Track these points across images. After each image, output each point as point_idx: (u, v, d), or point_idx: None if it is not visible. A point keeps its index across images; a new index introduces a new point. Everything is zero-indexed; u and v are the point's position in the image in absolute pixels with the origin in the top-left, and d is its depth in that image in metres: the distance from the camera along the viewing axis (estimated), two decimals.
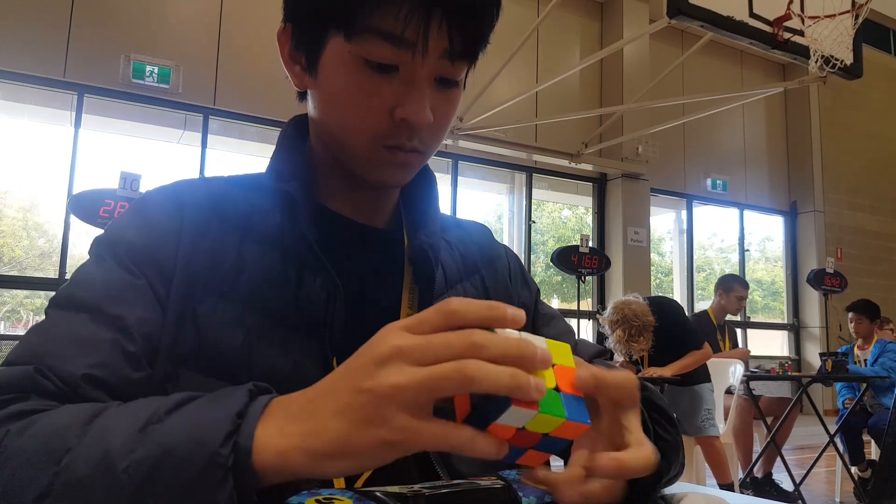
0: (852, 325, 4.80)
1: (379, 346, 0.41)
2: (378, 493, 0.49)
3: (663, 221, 9.59)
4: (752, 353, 9.27)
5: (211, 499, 0.41)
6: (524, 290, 0.82)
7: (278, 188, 0.66)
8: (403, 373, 0.39)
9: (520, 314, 0.41)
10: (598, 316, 3.80)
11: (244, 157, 6.85)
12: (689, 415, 3.55)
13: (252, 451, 0.41)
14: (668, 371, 3.51)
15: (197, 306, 0.60)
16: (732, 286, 4.45)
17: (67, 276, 4.85)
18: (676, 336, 3.59)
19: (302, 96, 0.70)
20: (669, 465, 0.64)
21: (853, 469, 4.21)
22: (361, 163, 0.66)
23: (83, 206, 4.44)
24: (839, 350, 5.05)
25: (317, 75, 0.65)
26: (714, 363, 4.10)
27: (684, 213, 9.20)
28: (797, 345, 9.77)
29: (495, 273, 0.80)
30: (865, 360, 4.63)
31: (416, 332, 0.41)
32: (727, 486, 3.52)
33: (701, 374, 3.64)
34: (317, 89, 0.66)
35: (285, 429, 0.42)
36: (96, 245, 0.63)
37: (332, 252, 0.65)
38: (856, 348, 4.80)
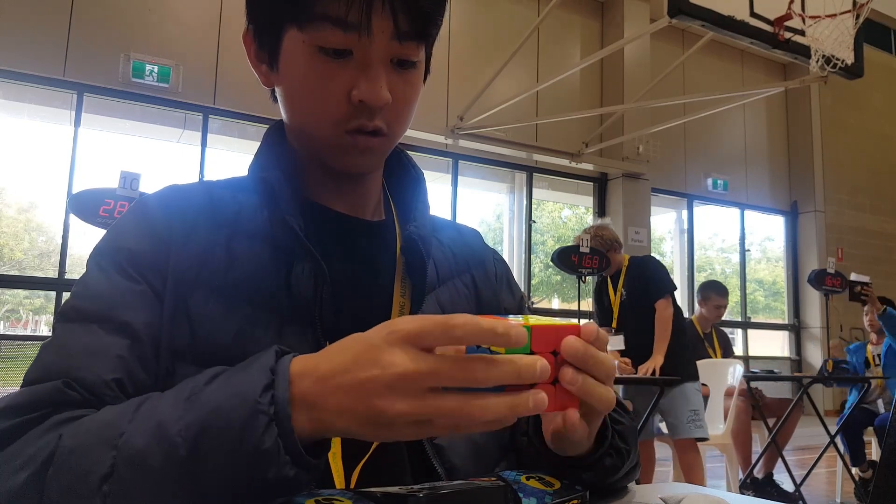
0: (868, 318, 4.74)
1: (385, 364, 0.43)
2: (377, 494, 0.49)
3: (664, 221, 9.59)
4: (752, 354, 9.32)
5: (257, 445, 0.44)
6: (508, 296, 0.84)
7: (259, 178, 0.69)
8: (408, 403, 0.43)
9: (521, 336, 0.43)
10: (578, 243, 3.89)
11: (244, 156, 6.85)
12: (675, 415, 3.44)
13: (290, 400, 0.45)
14: (658, 359, 3.38)
15: (189, 303, 0.61)
16: (709, 295, 4.36)
17: (67, 276, 4.81)
18: (645, 286, 3.53)
19: (274, 96, 0.72)
20: (630, 447, 0.68)
21: (854, 470, 4.20)
22: (327, 150, 0.68)
23: (83, 205, 4.43)
24: (850, 347, 4.98)
25: (279, 70, 0.67)
26: (713, 363, 4.10)
27: (685, 213, 9.21)
28: (798, 345, 9.77)
29: (485, 274, 0.82)
30: (878, 355, 4.60)
31: (418, 343, 0.43)
32: None
33: (686, 373, 3.46)
34: (280, 84, 0.69)
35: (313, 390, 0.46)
36: (95, 255, 0.65)
37: (323, 243, 0.67)
38: (869, 345, 4.77)
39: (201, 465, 0.44)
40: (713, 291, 4.41)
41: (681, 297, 8.98)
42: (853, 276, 4.75)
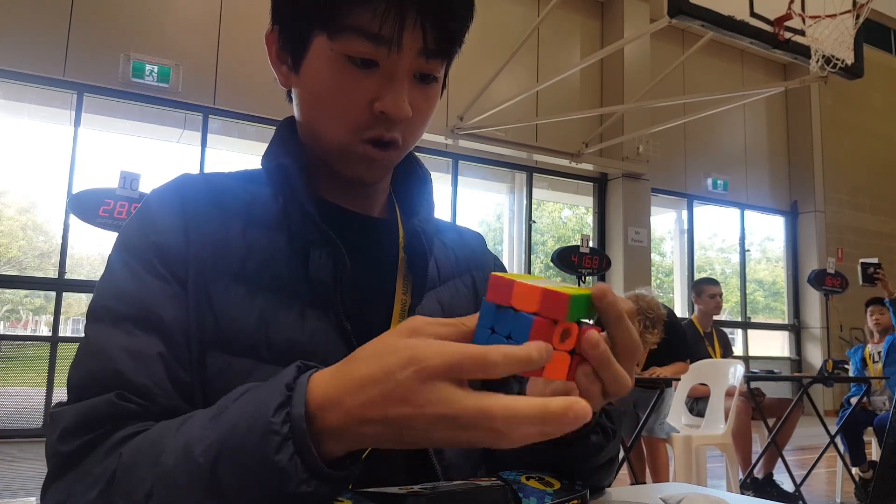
0: (874, 318, 4.74)
1: (417, 403, 0.42)
2: (377, 494, 0.49)
3: (664, 221, 9.59)
4: (752, 355, 9.31)
5: (272, 464, 0.44)
6: None
7: (273, 164, 0.69)
8: (445, 435, 0.42)
9: (551, 357, 0.41)
10: None
11: (244, 156, 6.86)
12: (653, 416, 3.55)
13: (306, 418, 0.44)
14: (667, 371, 3.56)
15: (210, 291, 0.62)
16: (702, 287, 4.55)
17: (67, 276, 4.78)
18: (672, 342, 3.74)
19: (290, 96, 0.73)
20: (615, 427, 0.68)
21: (854, 470, 4.20)
22: (338, 156, 0.68)
23: (83, 205, 4.45)
24: (850, 351, 4.99)
25: (301, 72, 0.68)
26: (714, 363, 4.10)
27: (685, 213, 9.21)
28: (798, 345, 9.77)
29: (485, 277, 0.82)
30: (879, 353, 4.60)
31: (450, 378, 0.41)
32: None
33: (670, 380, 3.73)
34: (301, 87, 0.69)
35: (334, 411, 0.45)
36: (117, 251, 0.65)
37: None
38: (868, 345, 4.77)
39: (223, 483, 0.45)
40: (704, 283, 4.60)
41: (681, 298, 8.99)
42: (863, 260, 4.79)
